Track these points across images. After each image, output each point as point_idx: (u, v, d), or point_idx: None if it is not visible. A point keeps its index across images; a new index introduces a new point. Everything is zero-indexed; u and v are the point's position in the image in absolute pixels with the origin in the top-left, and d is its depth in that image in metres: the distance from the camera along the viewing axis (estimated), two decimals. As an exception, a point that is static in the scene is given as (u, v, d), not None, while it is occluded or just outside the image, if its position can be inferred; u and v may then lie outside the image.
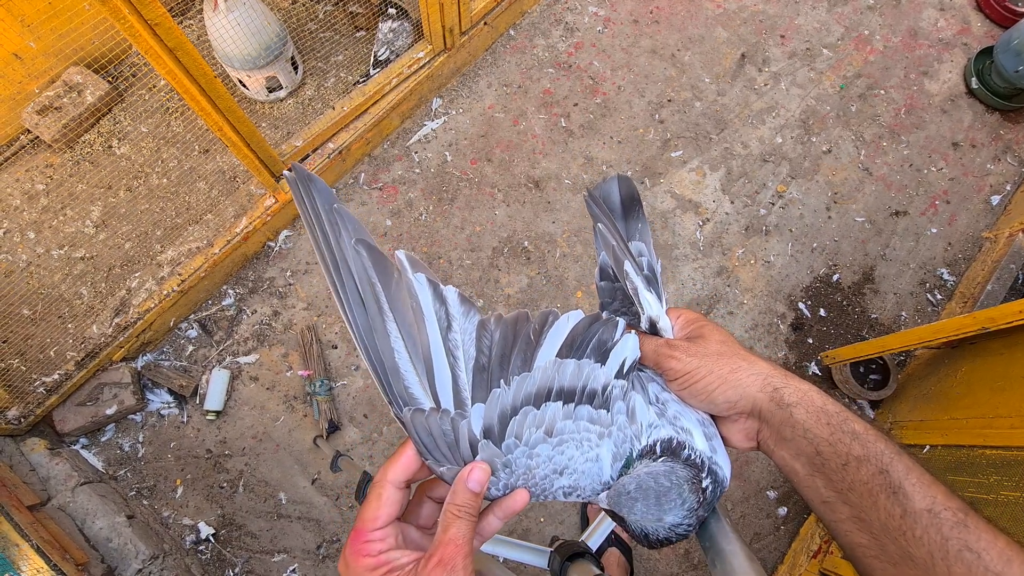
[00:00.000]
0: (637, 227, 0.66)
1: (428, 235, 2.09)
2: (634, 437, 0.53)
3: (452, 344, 0.51)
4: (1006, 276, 2.05)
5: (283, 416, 1.88)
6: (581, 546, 1.25)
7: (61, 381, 1.69)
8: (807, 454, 0.49)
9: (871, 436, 0.47)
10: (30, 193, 1.93)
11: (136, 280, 1.80)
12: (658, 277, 0.62)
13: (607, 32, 2.42)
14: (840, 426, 0.48)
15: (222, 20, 1.78)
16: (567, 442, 0.51)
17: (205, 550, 1.76)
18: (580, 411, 0.52)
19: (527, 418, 0.50)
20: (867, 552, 0.45)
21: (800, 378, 0.52)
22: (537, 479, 0.50)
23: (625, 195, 0.67)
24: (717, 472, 0.53)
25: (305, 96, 2.16)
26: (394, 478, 0.49)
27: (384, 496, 0.49)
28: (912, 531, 0.42)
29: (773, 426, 0.51)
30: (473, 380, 0.50)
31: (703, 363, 0.53)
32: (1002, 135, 2.42)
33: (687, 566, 1.84)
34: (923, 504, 0.42)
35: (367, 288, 0.49)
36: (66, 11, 1.74)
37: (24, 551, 1.30)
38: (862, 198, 2.28)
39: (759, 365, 0.53)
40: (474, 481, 0.48)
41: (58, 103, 1.92)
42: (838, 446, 0.47)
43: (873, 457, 0.45)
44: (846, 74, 2.45)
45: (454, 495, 0.47)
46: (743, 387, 0.52)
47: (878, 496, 0.44)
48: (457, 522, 0.46)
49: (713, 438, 0.55)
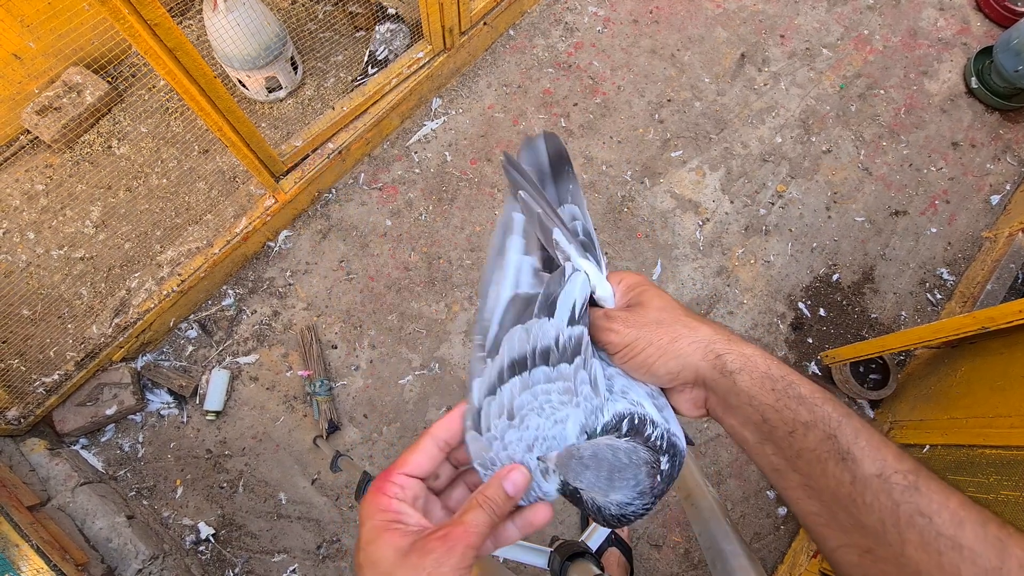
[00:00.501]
0: (568, 188, 0.60)
1: (428, 235, 2.09)
2: (599, 410, 0.50)
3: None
4: (1006, 276, 2.05)
5: (283, 416, 1.88)
6: (581, 546, 1.24)
7: (61, 381, 1.69)
8: (754, 421, 0.46)
9: (817, 399, 0.44)
10: (30, 193, 1.93)
11: (136, 280, 1.80)
12: (595, 241, 0.57)
13: (607, 32, 2.42)
14: (785, 391, 0.45)
15: (222, 20, 1.78)
16: (528, 415, 0.48)
17: (205, 550, 1.76)
18: (535, 375, 0.49)
19: (491, 408, 0.49)
20: (818, 520, 0.44)
21: (745, 341, 0.50)
22: (516, 462, 0.49)
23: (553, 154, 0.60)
24: (676, 443, 0.50)
25: (305, 96, 2.16)
26: (436, 433, 0.49)
27: (421, 446, 0.48)
28: (862, 497, 0.40)
29: (719, 394, 0.49)
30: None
31: (641, 334, 0.50)
32: (1002, 135, 2.42)
33: (687, 566, 1.84)
34: (872, 469, 0.40)
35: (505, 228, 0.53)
36: (66, 11, 1.74)
37: (24, 551, 1.30)
38: (862, 198, 2.28)
39: (701, 331, 0.50)
40: (511, 483, 0.46)
41: (58, 103, 1.92)
42: (784, 412, 0.45)
43: (820, 422, 0.43)
44: (846, 74, 2.46)
45: (488, 487, 0.46)
46: (684, 356, 0.49)
47: (826, 463, 0.42)
48: (477, 511, 0.44)
49: (664, 408, 0.52)
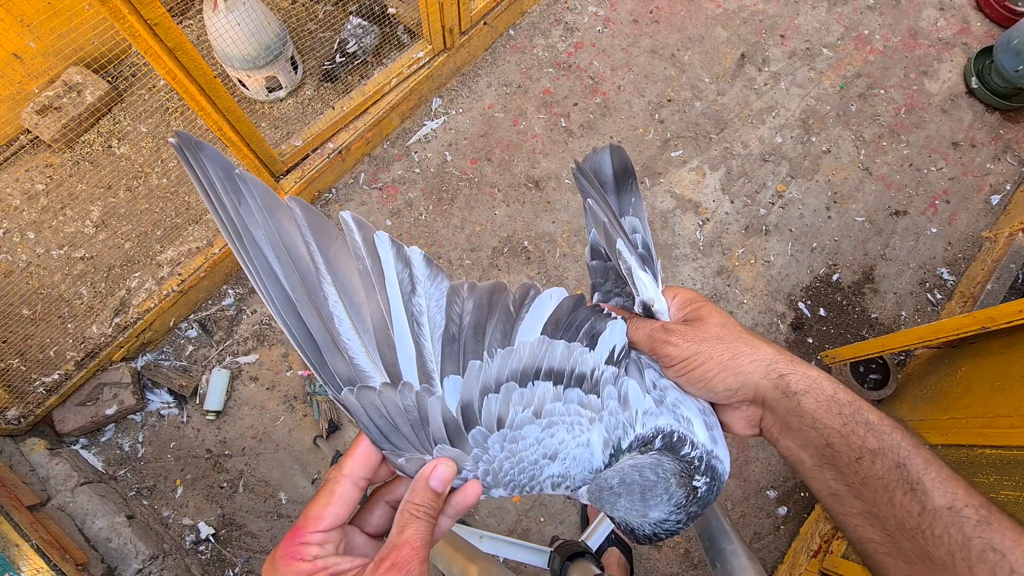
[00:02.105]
0: (631, 201, 0.61)
1: (428, 235, 2.09)
2: (626, 424, 0.49)
3: (416, 309, 0.45)
4: (1006, 276, 2.05)
5: (283, 416, 1.88)
6: (581, 546, 1.25)
7: (61, 381, 1.69)
8: (816, 445, 0.45)
9: (886, 427, 0.43)
10: (30, 193, 1.93)
11: (136, 280, 1.80)
12: (653, 254, 0.57)
13: (607, 32, 2.42)
14: (853, 416, 0.44)
15: (222, 20, 1.78)
16: (557, 424, 0.47)
17: (205, 550, 1.76)
18: (570, 394, 0.48)
19: (511, 396, 0.46)
20: (879, 549, 0.43)
21: (807, 363, 0.49)
22: (525, 464, 0.46)
23: (618, 167, 0.61)
24: (716, 467, 0.49)
25: (305, 96, 2.15)
26: (351, 472, 0.44)
27: (337, 493, 0.43)
28: (931, 529, 0.39)
29: (778, 415, 0.48)
30: (442, 351, 0.45)
31: (701, 348, 0.49)
32: (1002, 135, 2.42)
33: (687, 566, 1.84)
34: (943, 501, 0.39)
35: (299, 247, 0.43)
36: (66, 11, 1.74)
37: (24, 551, 1.30)
38: (862, 198, 2.28)
39: (762, 350, 0.49)
40: (437, 479, 0.43)
41: (58, 103, 1.92)
42: (851, 438, 0.43)
43: (889, 450, 0.42)
44: (846, 74, 2.45)
45: (413, 492, 0.43)
46: (745, 374, 0.48)
47: (894, 492, 0.41)
48: (415, 523, 0.42)
49: (714, 428, 0.52)
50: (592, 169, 0.60)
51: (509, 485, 0.46)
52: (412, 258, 0.45)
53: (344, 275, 0.43)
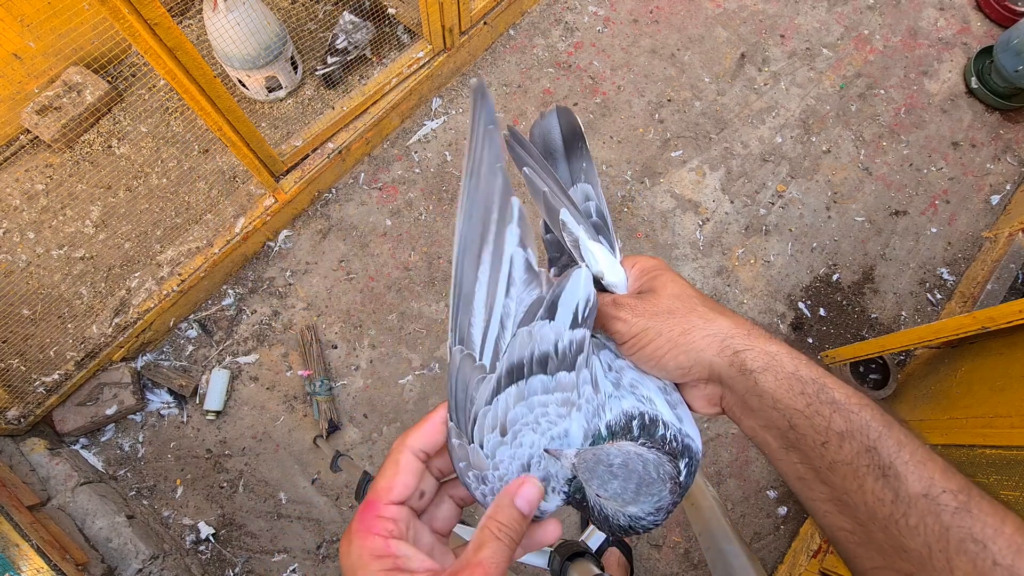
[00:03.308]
0: (582, 167, 0.56)
1: (428, 235, 2.09)
2: (599, 409, 0.46)
3: (505, 312, 0.44)
4: (1006, 276, 2.05)
5: (283, 416, 1.88)
6: (581, 546, 1.24)
7: (61, 381, 1.69)
8: (779, 427, 0.42)
9: (854, 406, 0.39)
10: (30, 193, 1.92)
11: (136, 280, 1.80)
12: (608, 222, 0.53)
13: (607, 32, 2.42)
14: (817, 395, 0.40)
15: (222, 20, 1.78)
16: (522, 431, 0.43)
17: (205, 550, 1.76)
18: (532, 384, 0.43)
19: (485, 421, 0.43)
20: (850, 539, 0.39)
21: (769, 336, 0.45)
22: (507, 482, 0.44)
23: (566, 130, 0.56)
24: (691, 445, 0.46)
25: (305, 96, 2.15)
26: (413, 443, 0.42)
27: (402, 462, 0.41)
28: (905, 519, 0.36)
29: (737, 394, 0.44)
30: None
31: (650, 323, 0.45)
32: (1002, 135, 2.42)
33: (687, 566, 1.84)
34: (918, 487, 0.36)
35: (487, 209, 0.46)
36: (65, 11, 1.74)
37: (24, 551, 1.30)
38: (862, 198, 2.28)
39: (717, 323, 0.45)
40: (524, 499, 0.40)
41: (58, 103, 1.92)
42: (815, 419, 0.40)
43: (858, 432, 0.38)
44: (846, 74, 2.45)
45: (498, 509, 0.39)
46: (696, 351, 0.44)
47: (864, 478, 0.37)
48: (494, 544, 0.38)
49: (678, 405, 0.48)
50: (540, 135, 0.57)
51: None
52: (515, 260, 0.45)
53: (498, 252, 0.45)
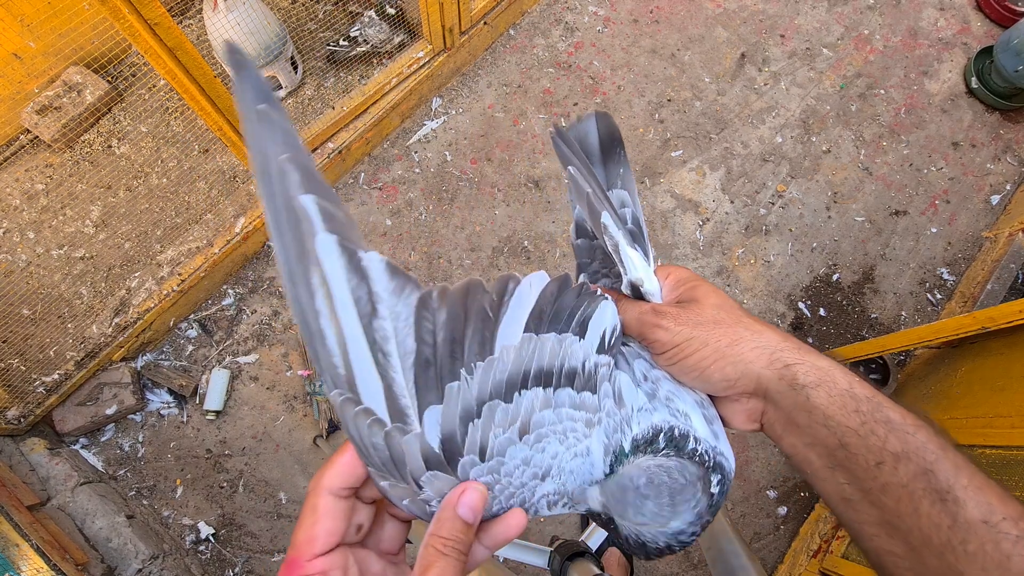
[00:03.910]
0: (619, 172, 0.55)
1: (428, 235, 2.09)
2: (623, 424, 0.43)
3: (381, 336, 0.37)
4: (1006, 276, 2.05)
5: (283, 416, 1.88)
6: (581, 546, 1.25)
7: (61, 381, 1.69)
8: (827, 445, 0.40)
9: (910, 426, 0.38)
10: (30, 193, 1.92)
11: (136, 280, 1.80)
12: (643, 231, 0.51)
13: (607, 32, 2.42)
14: (872, 414, 0.38)
15: (222, 20, 1.78)
16: (547, 437, 0.41)
17: (205, 550, 1.76)
18: (560, 396, 0.41)
19: (495, 416, 0.39)
20: (900, 563, 0.38)
21: (817, 352, 0.43)
22: (512, 490, 0.40)
23: (604, 135, 0.55)
24: (723, 464, 0.44)
25: (305, 96, 2.15)
26: (331, 483, 0.37)
27: (321, 508, 0.37)
28: (964, 546, 0.34)
29: (783, 409, 0.42)
30: (416, 381, 0.38)
31: (696, 333, 0.44)
32: (1002, 135, 2.42)
33: (687, 566, 1.84)
34: (978, 513, 0.34)
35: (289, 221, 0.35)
36: (66, 11, 1.74)
37: (24, 551, 1.30)
38: (862, 198, 2.28)
39: (765, 335, 0.43)
40: (466, 507, 0.37)
41: (58, 103, 1.92)
42: (870, 439, 0.38)
43: (914, 453, 0.37)
44: (846, 74, 2.45)
45: (439, 524, 0.37)
46: (744, 363, 0.42)
47: (920, 502, 0.36)
48: (442, 561, 0.36)
49: (714, 421, 0.46)
50: (576, 139, 0.55)
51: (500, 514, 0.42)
52: (370, 270, 0.36)
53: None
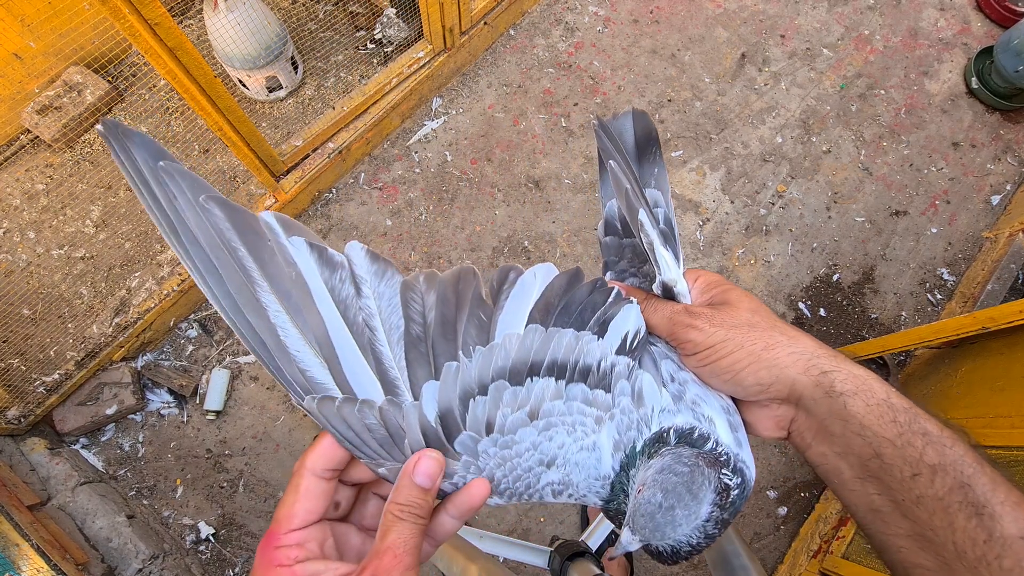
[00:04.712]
0: (653, 172, 0.54)
1: (428, 235, 2.09)
2: (641, 423, 0.43)
3: (366, 313, 0.40)
4: (1006, 276, 2.05)
5: (283, 416, 1.88)
6: (581, 546, 1.25)
7: (61, 381, 1.69)
8: (861, 455, 0.40)
9: (947, 438, 0.38)
10: (30, 193, 1.93)
11: (136, 280, 1.80)
12: (675, 232, 0.51)
13: (607, 32, 2.42)
14: (909, 425, 0.38)
15: (222, 20, 1.78)
16: (556, 426, 0.42)
17: (205, 550, 1.76)
18: (573, 390, 0.42)
19: (502, 396, 0.41)
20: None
21: (853, 361, 0.43)
22: (519, 472, 0.41)
23: (641, 134, 0.55)
24: (744, 472, 0.44)
25: (305, 96, 2.15)
26: (314, 465, 0.39)
27: (303, 487, 0.39)
28: (999, 561, 0.34)
29: (816, 417, 0.42)
30: (406, 355, 0.40)
31: (730, 335, 0.43)
32: (1002, 135, 2.42)
33: (687, 566, 1.84)
34: (1014, 529, 0.34)
35: (223, 254, 0.38)
36: (66, 11, 1.74)
37: (24, 551, 1.30)
38: (862, 198, 2.28)
39: (801, 342, 0.43)
40: (422, 474, 0.39)
41: (58, 103, 1.92)
42: (907, 450, 0.38)
43: (951, 466, 0.37)
44: (846, 74, 2.45)
45: (397, 491, 0.39)
46: (780, 367, 0.42)
47: (956, 515, 0.36)
48: (399, 525, 0.38)
49: (738, 429, 0.46)
50: (613, 133, 0.54)
51: (505, 494, 0.42)
52: (352, 256, 0.41)
53: (281, 281, 0.39)
